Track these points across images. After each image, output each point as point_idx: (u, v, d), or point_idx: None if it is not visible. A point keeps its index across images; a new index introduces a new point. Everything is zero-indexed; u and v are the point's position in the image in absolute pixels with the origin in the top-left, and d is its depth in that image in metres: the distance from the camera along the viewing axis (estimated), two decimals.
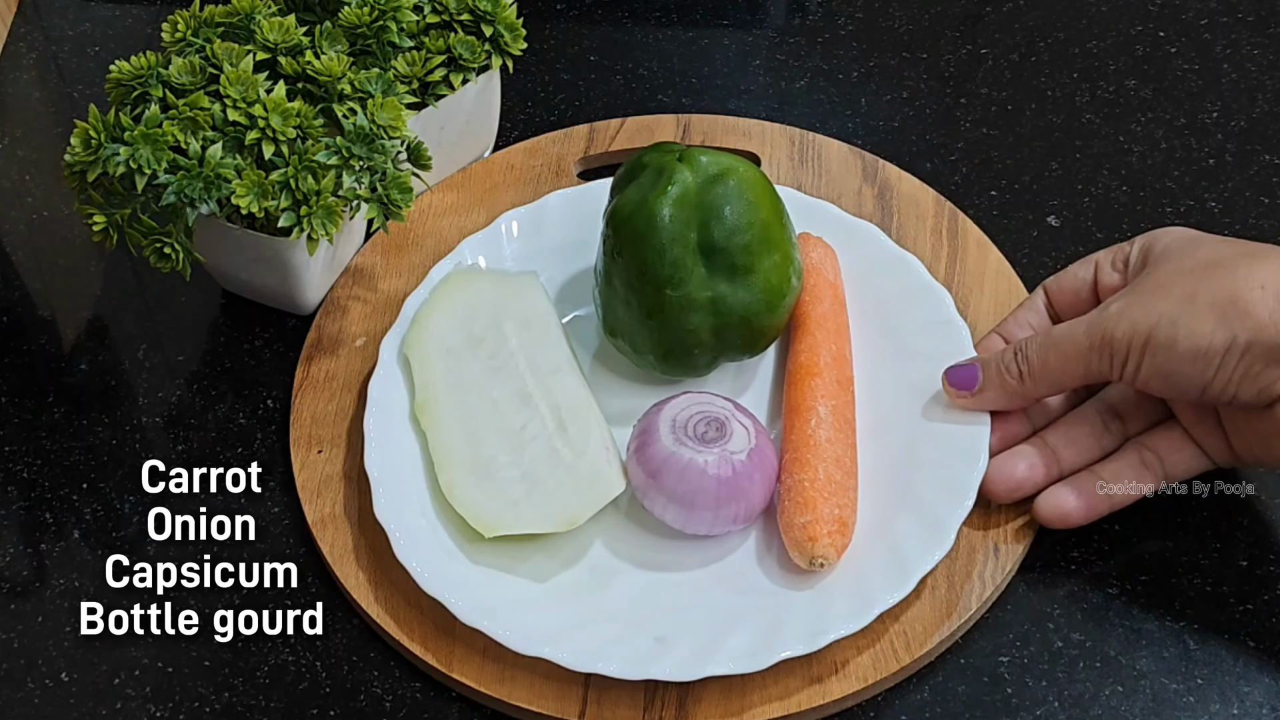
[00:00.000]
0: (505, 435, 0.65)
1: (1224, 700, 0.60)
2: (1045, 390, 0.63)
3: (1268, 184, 0.78)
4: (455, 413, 0.66)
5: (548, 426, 0.65)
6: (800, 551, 0.61)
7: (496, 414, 0.66)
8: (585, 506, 0.62)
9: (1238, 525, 0.65)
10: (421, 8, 0.74)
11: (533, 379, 0.67)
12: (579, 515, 0.62)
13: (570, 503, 0.62)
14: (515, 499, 0.63)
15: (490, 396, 0.66)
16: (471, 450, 0.65)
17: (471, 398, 0.66)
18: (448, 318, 0.69)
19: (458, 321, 0.69)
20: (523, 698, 0.60)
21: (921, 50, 0.86)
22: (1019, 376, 0.62)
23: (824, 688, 0.60)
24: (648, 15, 0.89)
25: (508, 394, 0.66)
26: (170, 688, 0.62)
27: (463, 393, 0.67)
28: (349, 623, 0.64)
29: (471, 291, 0.70)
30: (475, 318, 0.69)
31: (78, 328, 0.76)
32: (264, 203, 0.66)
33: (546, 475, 0.63)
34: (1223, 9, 0.87)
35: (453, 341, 0.68)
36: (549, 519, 0.62)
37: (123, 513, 0.68)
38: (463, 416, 0.66)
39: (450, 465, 0.64)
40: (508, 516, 0.62)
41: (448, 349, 0.68)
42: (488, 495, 0.63)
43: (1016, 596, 0.63)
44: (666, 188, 0.64)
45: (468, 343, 0.68)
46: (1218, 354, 0.57)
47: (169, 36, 0.71)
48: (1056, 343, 0.61)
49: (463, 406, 0.66)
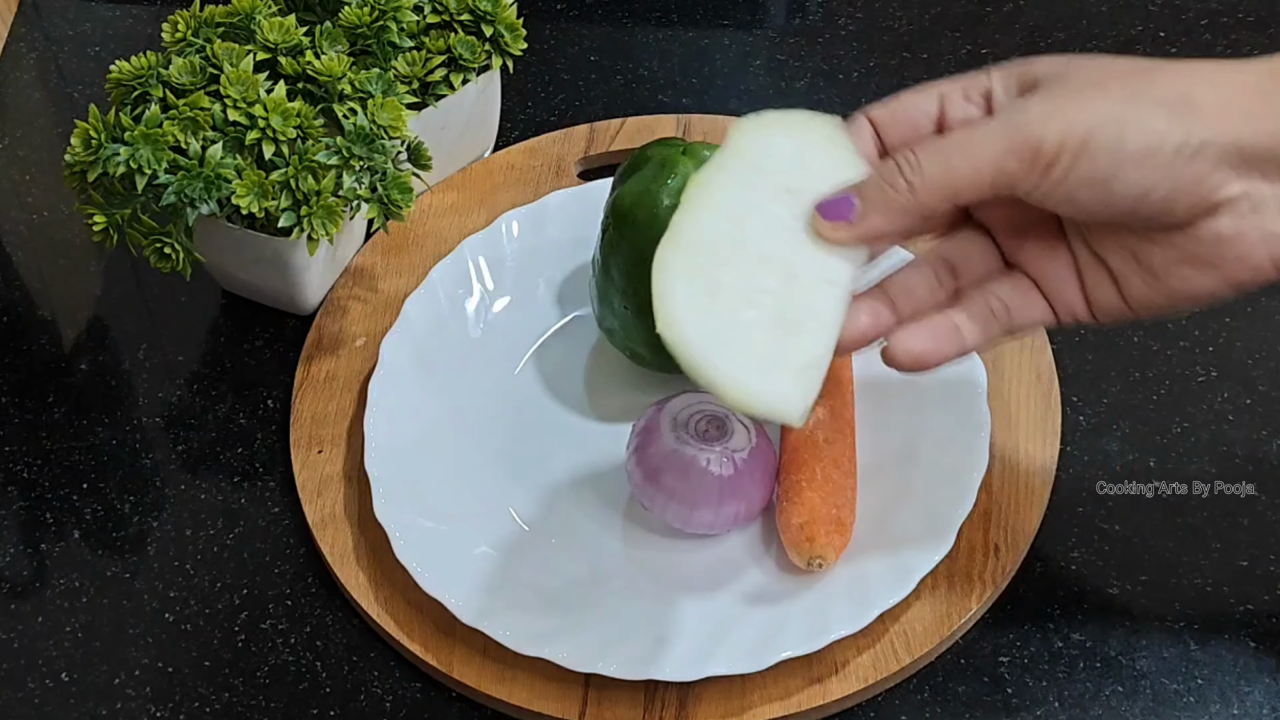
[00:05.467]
0: (743, 280, 0.55)
1: (1224, 700, 0.60)
2: (937, 203, 0.53)
3: None
4: (718, 219, 0.56)
5: (778, 313, 0.55)
6: (798, 552, 0.61)
7: (749, 262, 0.56)
8: (757, 397, 0.54)
9: (1238, 525, 0.65)
10: (421, 8, 0.74)
11: (803, 265, 0.56)
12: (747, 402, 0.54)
13: (751, 383, 0.54)
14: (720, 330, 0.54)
15: (759, 245, 0.56)
16: (707, 261, 0.55)
17: (742, 229, 0.56)
18: (790, 141, 0.57)
19: (788, 156, 0.57)
20: (523, 698, 0.60)
21: (921, 50, 0.86)
22: (907, 188, 0.53)
23: (824, 688, 0.60)
24: (648, 15, 0.89)
25: (773, 255, 0.56)
26: (170, 688, 0.62)
27: (740, 218, 0.56)
28: (349, 623, 0.64)
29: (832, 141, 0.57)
30: (801, 169, 0.57)
31: (78, 328, 0.76)
32: (264, 203, 0.66)
33: (761, 339, 0.55)
34: (1223, 9, 0.87)
35: (771, 167, 0.57)
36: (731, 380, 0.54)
37: (123, 513, 0.68)
38: (720, 229, 0.56)
39: (681, 255, 0.55)
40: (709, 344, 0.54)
41: (760, 168, 0.57)
42: (700, 310, 0.55)
43: (1016, 596, 0.63)
44: (668, 179, 0.64)
45: (777, 185, 0.57)
46: (1169, 155, 0.51)
47: (169, 36, 0.71)
48: (961, 144, 0.53)
49: (728, 223, 0.56)
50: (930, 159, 0.53)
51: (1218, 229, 0.52)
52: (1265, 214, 0.52)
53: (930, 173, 0.53)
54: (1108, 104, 0.52)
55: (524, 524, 0.66)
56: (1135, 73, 0.53)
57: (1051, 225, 0.56)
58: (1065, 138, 0.51)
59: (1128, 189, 0.51)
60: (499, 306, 0.73)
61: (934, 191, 0.53)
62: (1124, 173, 0.51)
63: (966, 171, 0.52)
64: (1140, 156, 0.51)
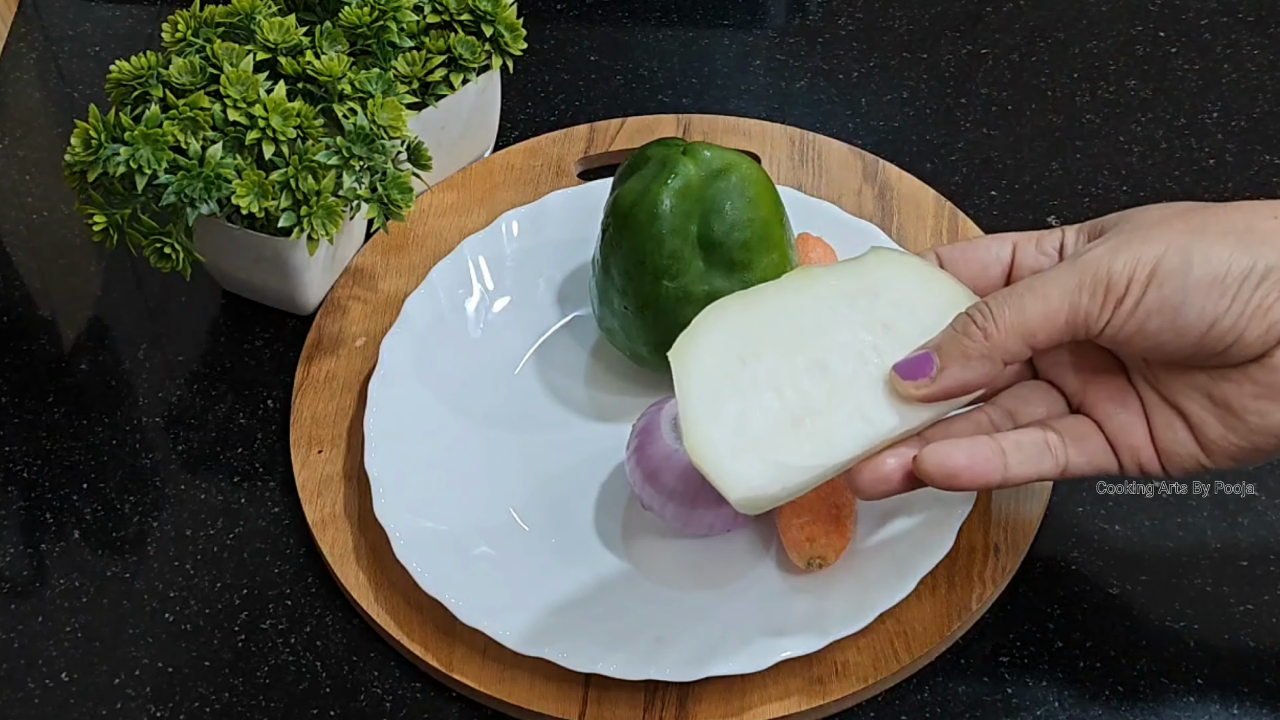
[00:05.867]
0: (785, 370, 0.55)
1: (1224, 700, 0.60)
2: (1015, 346, 0.54)
3: (1268, 184, 0.78)
4: (803, 307, 0.57)
5: (793, 413, 0.55)
6: (798, 552, 0.61)
7: (804, 360, 0.56)
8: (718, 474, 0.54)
9: (1238, 525, 0.65)
10: (422, 8, 0.74)
11: (852, 393, 0.56)
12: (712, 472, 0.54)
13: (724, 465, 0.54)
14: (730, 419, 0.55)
15: (824, 353, 0.56)
16: (766, 332, 0.56)
17: (820, 329, 0.56)
18: (916, 287, 0.57)
19: (905, 298, 0.57)
20: (523, 698, 0.60)
21: (921, 50, 0.86)
22: (983, 335, 0.54)
23: (824, 688, 0.60)
24: (648, 15, 0.89)
25: (830, 368, 0.56)
26: (170, 688, 0.62)
27: (826, 320, 0.57)
28: (349, 623, 0.64)
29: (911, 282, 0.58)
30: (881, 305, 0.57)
31: (78, 328, 0.76)
32: (264, 203, 0.66)
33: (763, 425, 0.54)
34: (1223, 9, 0.87)
35: (885, 298, 0.57)
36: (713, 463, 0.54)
37: (123, 513, 0.68)
38: (799, 318, 0.56)
39: (747, 310, 0.56)
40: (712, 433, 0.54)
41: (874, 294, 0.57)
42: (719, 396, 0.55)
43: (1016, 596, 0.63)
44: (668, 179, 0.64)
45: (879, 317, 0.57)
46: (1236, 280, 0.51)
47: (169, 36, 0.71)
48: (1033, 286, 0.54)
49: (810, 317, 0.56)
50: (1003, 305, 0.54)
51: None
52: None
53: (1004, 317, 0.54)
54: (1173, 235, 0.53)
55: (524, 524, 0.66)
56: (1199, 210, 0.54)
57: (1119, 373, 0.57)
58: (1134, 269, 0.52)
59: (1198, 316, 0.52)
60: (499, 306, 0.73)
61: (1010, 335, 0.54)
62: (1192, 299, 0.52)
63: (1040, 312, 0.53)
64: (1207, 283, 0.52)
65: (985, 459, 0.54)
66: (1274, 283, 0.51)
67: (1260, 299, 0.52)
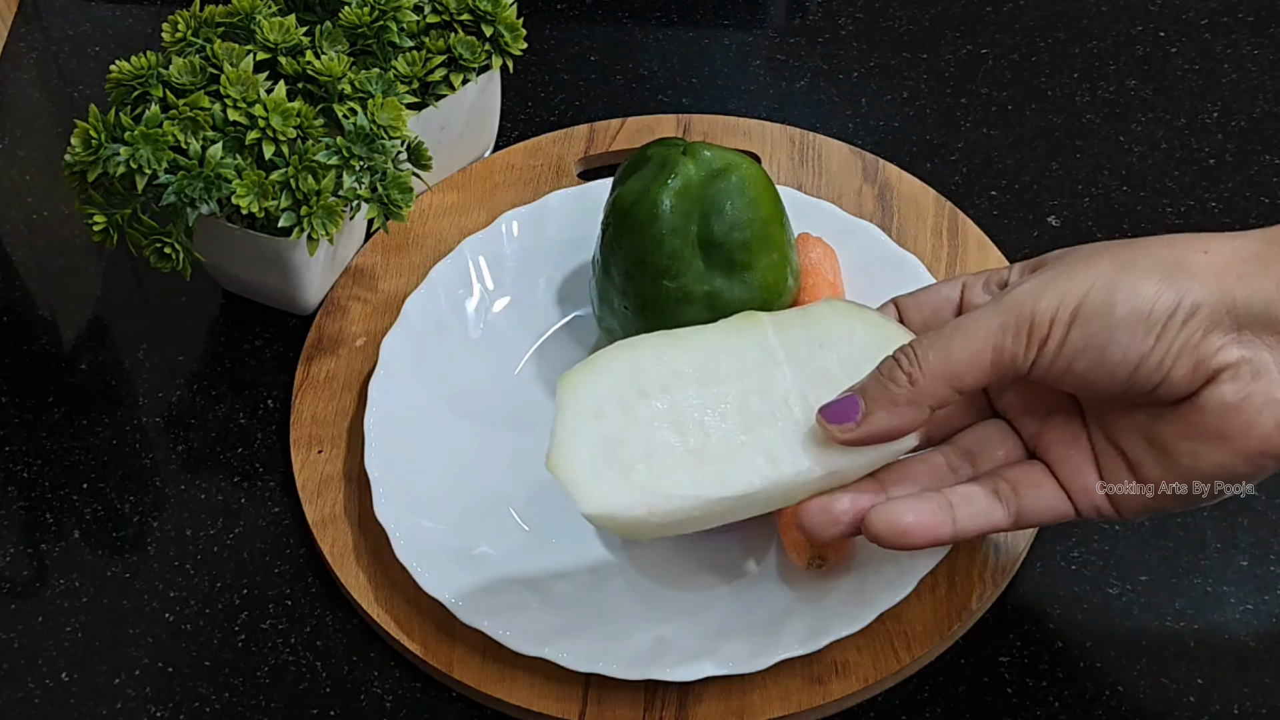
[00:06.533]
0: (697, 408, 0.56)
1: (1224, 700, 0.60)
2: (941, 391, 0.53)
3: (1268, 184, 0.78)
4: (735, 350, 0.57)
5: (692, 449, 0.55)
6: (798, 552, 0.61)
7: (722, 402, 0.56)
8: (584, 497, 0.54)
9: (1238, 525, 0.65)
10: (422, 8, 0.74)
11: (766, 436, 0.56)
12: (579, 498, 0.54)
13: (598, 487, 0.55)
14: (619, 447, 0.55)
15: (746, 399, 0.56)
16: (649, 384, 0.56)
17: (727, 369, 0.57)
18: (864, 338, 0.57)
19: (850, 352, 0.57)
20: (523, 698, 0.60)
21: (921, 50, 0.86)
22: (908, 380, 0.53)
23: (824, 688, 0.60)
24: (648, 15, 0.89)
25: (753, 414, 0.56)
26: (170, 688, 0.62)
27: (730, 358, 0.57)
28: (349, 623, 0.64)
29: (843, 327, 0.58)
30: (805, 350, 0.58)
31: (78, 328, 0.76)
32: (264, 203, 0.66)
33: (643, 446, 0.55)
34: (1223, 9, 0.87)
35: (830, 348, 0.57)
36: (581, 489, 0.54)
37: (123, 513, 0.68)
38: (726, 360, 0.57)
39: (674, 339, 0.57)
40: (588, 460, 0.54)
41: (821, 343, 0.57)
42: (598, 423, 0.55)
43: (1016, 596, 0.63)
44: (668, 179, 0.64)
45: (819, 366, 0.57)
46: (1161, 318, 0.50)
47: (169, 36, 0.71)
48: (958, 328, 0.53)
49: (714, 362, 0.57)
50: (928, 349, 0.53)
51: (1220, 396, 0.50)
52: (1268, 379, 0.50)
53: (929, 362, 0.53)
54: (1099, 272, 0.51)
55: (524, 524, 0.66)
56: (1129, 245, 0.53)
57: (1073, 413, 0.56)
58: (1057, 309, 0.51)
59: (1123, 355, 0.51)
60: (499, 306, 0.73)
61: (935, 380, 0.53)
62: (1117, 338, 0.51)
63: (965, 355, 0.52)
64: (1132, 321, 0.50)
65: (932, 513, 0.54)
66: (1201, 320, 0.50)
67: (1186, 337, 0.50)
